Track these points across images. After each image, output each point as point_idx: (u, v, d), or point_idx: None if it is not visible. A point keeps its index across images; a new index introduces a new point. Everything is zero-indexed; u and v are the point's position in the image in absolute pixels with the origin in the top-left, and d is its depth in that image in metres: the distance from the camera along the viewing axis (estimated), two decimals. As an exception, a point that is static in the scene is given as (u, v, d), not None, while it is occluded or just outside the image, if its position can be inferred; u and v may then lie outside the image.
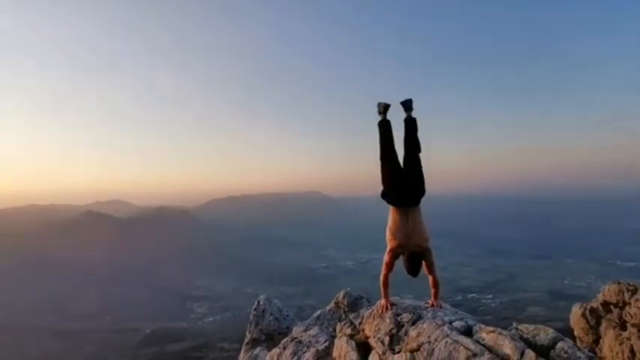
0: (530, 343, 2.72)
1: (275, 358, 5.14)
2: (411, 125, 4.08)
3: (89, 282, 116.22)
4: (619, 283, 19.63)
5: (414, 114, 4.17)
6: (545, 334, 2.74)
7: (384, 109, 4.24)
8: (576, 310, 21.56)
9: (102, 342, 74.95)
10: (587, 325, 20.13)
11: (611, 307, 19.62)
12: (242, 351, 7.51)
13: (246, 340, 7.56)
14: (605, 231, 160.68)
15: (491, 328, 2.94)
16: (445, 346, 2.92)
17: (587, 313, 20.43)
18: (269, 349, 6.23)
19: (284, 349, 5.17)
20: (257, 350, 6.73)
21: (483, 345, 2.82)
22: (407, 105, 4.15)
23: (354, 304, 5.98)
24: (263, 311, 7.68)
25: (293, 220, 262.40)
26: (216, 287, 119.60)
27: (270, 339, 7.33)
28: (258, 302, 7.82)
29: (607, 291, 19.96)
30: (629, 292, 18.44)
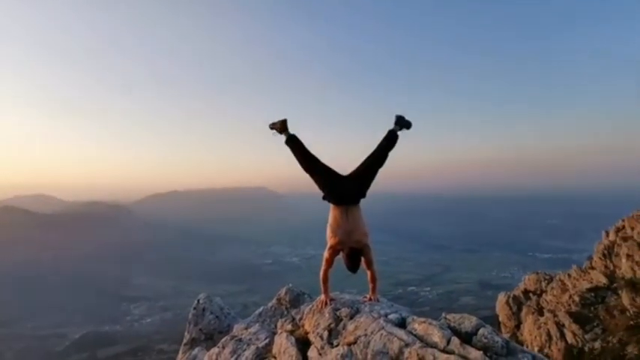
0: (456, 331, 2.91)
1: (214, 357, 5.00)
2: (391, 139, 3.90)
3: (7, 284, 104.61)
4: (537, 273, 21.77)
5: (401, 134, 3.95)
6: (469, 321, 2.94)
7: (281, 126, 3.98)
8: (501, 299, 23.52)
9: (23, 350, 68.26)
10: (510, 312, 22.04)
11: (531, 294, 21.64)
12: (180, 352, 7.22)
13: (184, 341, 7.28)
14: (526, 226, 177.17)
15: (423, 319, 3.10)
16: (380, 338, 3.03)
17: (511, 300, 22.37)
18: (209, 348, 6.04)
19: (223, 348, 5.04)
20: (196, 351, 6.50)
21: (415, 335, 2.97)
22: (401, 122, 3.95)
23: (297, 300, 5.99)
24: (203, 310, 7.44)
25: (238, 217, 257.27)
26: (155, 286, 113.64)
27: (210, 338, 7.12)
28: (198, 301, 7.57)
29: (527, 280, 22.04)
30: (546, 281, 20.52)
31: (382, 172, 3.92)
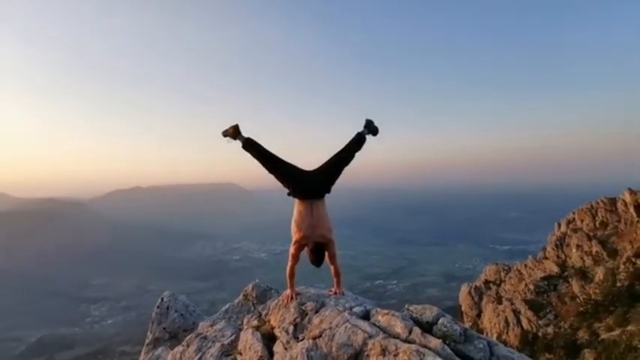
0: (417, 321, 3.02)
1: (178, 356, 4.88)
2: (358, 142, 3.95)
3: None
4: (497, 264, 22.90)
5: (369, 138, 4.00)
6: (430, 312, 3.05)
7: (234, 132, 3.89)
8: (464, 289, 24.56)
9: (-23, 354, 64.07)
10: (472, 302, 23.07)
11: (491, 284, 22.75)
12: (142, 353, 6.98)
13: (147, 341, 7.03)
14: (487, 220, 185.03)
15: (386, 311, 3.18)
16: (345, 331, 3.08)
17: (473, 291, 23.41)
18: (173, 347, 5.88)
19: (188, 346, 4.94)
20: (159, 350, 6.31)
21: (378, 327, 3.05)
22: (370, 127, 3.99)
23: (263, 296, 5.93)
24: (167, 308, 7.22)
25: (205, 213, 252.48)
26: (117, 286, 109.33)
27: (175, 337, 6.92)
28: (162, 299, 7.34)
29: (488, 271, 23.14)
30: (504, 272, 21.62)
31: (351, 168, 3.97)
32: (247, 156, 3.90)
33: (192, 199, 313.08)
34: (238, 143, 3.93)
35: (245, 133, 3.94)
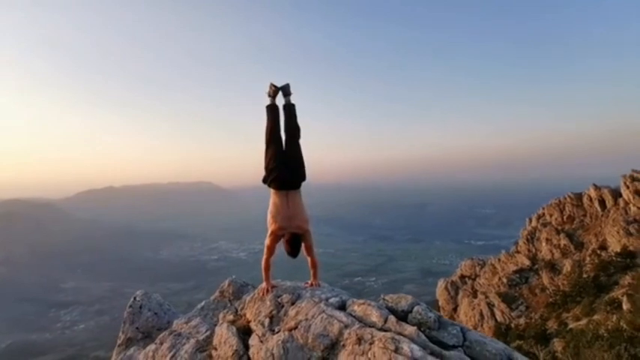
0: (393, 310, 3.04)
1: (150, 354, 4.75)
2: (290, 111, 4.04)
3: None
4: (472, 259, 23.53)
5: (293, 100, 4.12)
6: (405, 301, 3.08)
7: (274, 92, 4.09)
8: (441, 284, 25.11)
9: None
10: (448, 296, 23.60)
11: (466, 279, 23.33)
12: (114, 354, 6.73)
13: (119, 342, 6.78)
14: (463, 216, 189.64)
15: (362, 301, 3.19)
16: (321, 321, 3.06)
17: (449, 285, 23.96)
18: (146, 347, 5.70)
19: (161, 343, 4.81)
20: (131, 350, 6.10)
21: (354, 316, 3.05)
22: (285, 90, 4.11)
23: (240, 292, 5.83)
24: (140, 307, 6.98)
25: (181, 212, 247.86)
26: (90, 289, 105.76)
27: (148, 337, 6.70)
28: (134, 298, 7.09)
29: (463, 266, 23.74)
30: (479, 266, 22.21)
31: (331, 167, 3.98)
32: (225, 154, 3.88)
33: (168, 199, 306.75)
34: (265, 99, 4.13)
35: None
